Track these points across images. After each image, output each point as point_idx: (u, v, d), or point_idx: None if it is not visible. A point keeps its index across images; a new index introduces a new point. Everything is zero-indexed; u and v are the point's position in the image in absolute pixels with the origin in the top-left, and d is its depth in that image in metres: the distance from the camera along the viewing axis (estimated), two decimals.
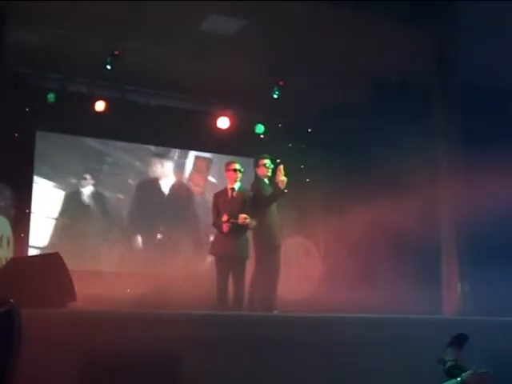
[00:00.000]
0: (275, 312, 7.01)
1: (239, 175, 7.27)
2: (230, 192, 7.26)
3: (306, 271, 10.15)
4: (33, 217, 9.70)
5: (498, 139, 8.70)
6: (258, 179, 7.52)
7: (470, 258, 7.43)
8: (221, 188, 7.68)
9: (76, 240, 9.84)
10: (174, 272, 10.26)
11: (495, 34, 7.93)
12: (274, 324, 5.43)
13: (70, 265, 5.84)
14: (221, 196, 7.33)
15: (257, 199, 7.23)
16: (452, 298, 7.43)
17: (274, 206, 7.44)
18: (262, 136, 10.91)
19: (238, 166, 7.29)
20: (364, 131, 9.57)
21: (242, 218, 6.97)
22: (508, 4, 7.33)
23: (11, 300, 2.92)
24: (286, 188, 7.21)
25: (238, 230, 7.03)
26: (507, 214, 7.89)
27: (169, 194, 10.95)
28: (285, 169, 7.16)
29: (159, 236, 10.66)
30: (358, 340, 5.31)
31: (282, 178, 7.13)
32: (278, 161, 8.58)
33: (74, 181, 10.29)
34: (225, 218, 7.03)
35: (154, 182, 10.87)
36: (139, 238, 10.52)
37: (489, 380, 3.76)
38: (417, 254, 8.10)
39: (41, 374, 4.13)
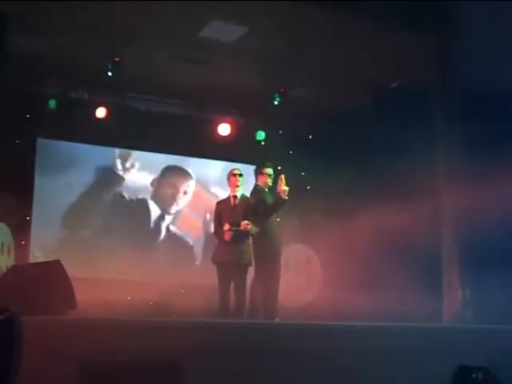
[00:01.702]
0: (276, 319, 7.00)
1: (240, 180, 7.26)
2: (232, 200, 7.25)
3: (307, 278, 10.14)
4: (33, 224, 9.69)
5: (500, 144, 8.70)
6: (258, 188, 7.51)
7: (471, 265, 7.43)
8: None
9: (76, 247, 9.84)
10: (175, 279, 10.26)
11: (496, 37, 7.92)
12: (276, 332, 5.41)
13: (71, 272, 5.84)
14: (223, 204, 7.32)
15: (258, 208, 7.22)
16: (453, 305, 7.42)
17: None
18: (262, 143, 10.92)
19: (238, 172, 7.30)
20: (365, 137, 9.56)
21: (244, 224, 6.97)
22: (508, 7, 7.33)
23: (12, 307, 2.91)
24: (287, 197, 7.19)
25: (240, 237, 7.02)
26: (508, 220, 7.89)
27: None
28: (286, 178, 7.14)
29: (160, 243, 10.67)
30: (359, 348, 5.29)
31: (283, 187, 7.10)
32: (279, 168, 8.59)
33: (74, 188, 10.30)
34: (226, 226, 7.03)
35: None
36: (139, 245, 10.50)
37: None
38: (418, 261, 8.08)
39: (41, 381, 4.12)
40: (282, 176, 7.16)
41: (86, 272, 9.06)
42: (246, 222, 6.98)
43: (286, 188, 7.11)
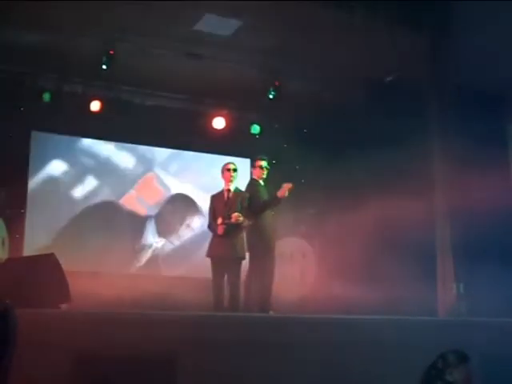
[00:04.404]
0: (271, 313, 7.01)
1: (234, 175, 7.28)
2: (226, 193, 7.27)
3: (302, 272, 10.16)
4: (28, 217, 9.67)
5: (494, 140, 8.72)
6: (253, 181, 7.53)
7: (465, 259, 7.44)
8: None
9: (73, 241, 9.82)
10: (170, 273, 10.27)
11: (490, 34, 7.95)
12: (270, 325, 5.43)
13: (67, 265, 5.85)
14: (217, 198, 7.34)
15: (252, 202, 7.24)
16: (447, 299, 7.44)
17: None
18: (257, 136, 10.91)
19: (232, 166, 7.32)
20: (360, 131, 9.57)
21: (235, 216, 6.99)
22: (502, 5, 7.35)
23: (6, 300, 2.91)
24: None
25: (233, 230, 7.03)
26: (502, 215, 7.91)
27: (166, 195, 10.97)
28: (291, 189, 7.20)
29: (157, 237, 10.67)
30: (353, 341, 5.32)
31: (285, 193, 7.16)
32: (274, 162, 8.60)
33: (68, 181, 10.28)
34: (219, 220, 7.05)
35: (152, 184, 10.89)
36: (136, 239, 10.50)
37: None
38: (412, 255, 8.11)
39: (36, 374, 4.13)
40: (290, 185, 7.19)
41: (80, 265, 9.06)
42: (236, 214, 6.99)
43: (286, 194, 7.18)
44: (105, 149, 10.55)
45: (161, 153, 10.93)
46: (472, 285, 7.35)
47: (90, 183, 10.38)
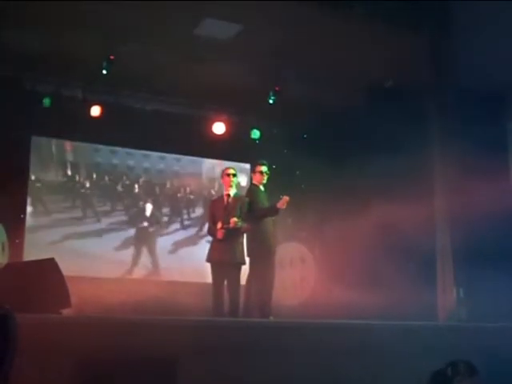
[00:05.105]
0: (271, 318, 7.00)
1: (234, 180, 7.29)
2: (225, 198, 7.27)
3: (302, 277, 10.15)
4: (28, 222, 9.68)
5: (493, 144, 8.72)
6: (253, 186, 7.53)
7: (465, 263, 7.44)
8: None
9: (72, 246, 9.83)
10: (171, 278, 10.26)
11: (490, 37, 7.97)
12: (270, 330, 5.42)
13: (67, 271, 5.85)
14: (216, 202, 7.35)
15: (252, 207, 7.25)
16: (447, 304, 7.44)
17: None
18: (257, 141, 10.92)
19: (232, 171, 7.32)
20: (359, 136, 9.57)
21: (233, 221, 6.98)
22: (502, 5, 7.36)
23: (6, 305, 2.91)
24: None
25: (233, 235, 7.02)
26: (502, 220, 7.91)
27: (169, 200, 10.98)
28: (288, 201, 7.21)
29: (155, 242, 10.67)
30: (352, 346, 5.32)
31: (284, 206, 7.17)
32: (274, 167, 8.59)
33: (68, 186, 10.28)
34: (219, 225, 7.04)
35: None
36: (134, 244, 10.50)
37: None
38: (412, 259, 8.10)
39: (36, 379, 4.12)
40: (287, 198, 7.19)
41: (80, 270, 9.06)
42: (234, 219, 6.98)
43: (284, 207, 7.20)
44: (105, 153, 10.57)
45: (162, 157, 10.96)
46: (472, 289, 7.35)
47: (91, 188, 10.38)
